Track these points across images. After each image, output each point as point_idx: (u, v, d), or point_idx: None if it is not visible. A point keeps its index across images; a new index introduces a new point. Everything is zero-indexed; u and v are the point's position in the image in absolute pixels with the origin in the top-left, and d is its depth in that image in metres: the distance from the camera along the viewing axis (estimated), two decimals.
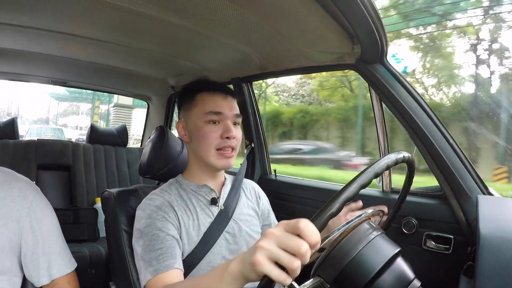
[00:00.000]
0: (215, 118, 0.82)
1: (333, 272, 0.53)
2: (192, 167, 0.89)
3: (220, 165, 0.83)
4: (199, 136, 0.83)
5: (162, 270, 0.70)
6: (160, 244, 0.74)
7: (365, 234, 0.55)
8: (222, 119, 0.83)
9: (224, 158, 0.82)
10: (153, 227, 0.76)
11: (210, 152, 0.82)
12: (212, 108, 0.83)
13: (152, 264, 0.71)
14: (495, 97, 6.77)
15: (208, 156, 0.82)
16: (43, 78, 2.05)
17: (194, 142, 0.85)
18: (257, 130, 1.49)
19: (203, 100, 0.84)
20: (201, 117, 0.83)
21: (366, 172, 0.52)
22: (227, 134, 0.82)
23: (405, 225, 0.96)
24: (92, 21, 1.02)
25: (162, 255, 0.72)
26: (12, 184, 0.73)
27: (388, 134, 1.09)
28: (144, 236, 0.76)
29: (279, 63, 1.18)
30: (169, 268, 0.71)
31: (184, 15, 0.91)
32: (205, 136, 0.82)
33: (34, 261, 0.73)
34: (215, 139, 0.82)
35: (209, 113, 0.82)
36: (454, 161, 0.87)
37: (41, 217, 0.74)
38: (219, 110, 0.83)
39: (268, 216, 0.99)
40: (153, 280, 0.70)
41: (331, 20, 0.76)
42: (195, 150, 0.86)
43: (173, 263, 0.72)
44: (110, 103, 15.11)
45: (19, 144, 1.89)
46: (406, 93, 0.91)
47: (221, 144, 0.82)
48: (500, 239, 0.62)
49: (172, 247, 0.74)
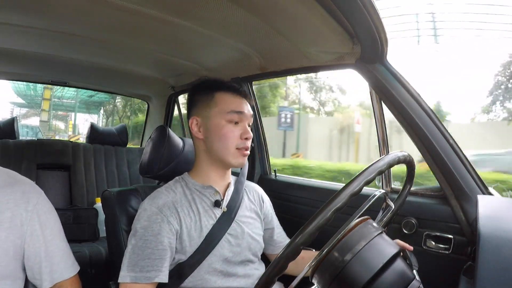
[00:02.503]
0: (236, 118, 0.84)
1: (333, 272, 0.53)
2: (200, 165, 0.88)
3: (237, 163, 0.85)
4: (220, 135, 0.83)
5: (142, 280, 0.73)
6: (150, 253, 0.74)
7: (365, 234, 0.55)
8: (242, 119, 0.85)
9: (241, 156, 0.85)
10: (149, 231, 0.76)
11: (229, 151, 0.83)
12: (234, 108, 0.84)
13: (135, 270, 0.73)
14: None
15: (227, 154, 0.83)
16: (43, 78, 2.05)
17: (211, 140, 0.85)
18: (257, 130, 1.49)
19: (224, 100, 0.85)
20: (222, 116, 0.84)
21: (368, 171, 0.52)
22: (246, 135, 0.84)
23: (405, 225, 0.95)
24: (92, 21, 1.02)
25: (147, 265, 0.73)
26: (15, 187, 0.72)
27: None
28: (138, 237, 0.76)
29: (279, 63, 1.18)
30: (149, 281, 0.73)
31: (184, 15, 0.91)
32: (227, 136, 0.83)
33: (37, 264, 0.72)
34: (236, 139, 0.83)
35: (231, 112, 0.84)
36: (454, 161, 0.87)
37: (44, 220, 0.74)
38: (241, 110, 0.85)
39: (271, 220, 0.99)
40: (129, 285, 0.73)
41: (331, 20, 0.76)
42: (210, 148, 0.85)
43: (155, 276, 0.73)
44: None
45: (19, 144, 1.89)
46: (406, 93, 0.91)
47: (240, 145, 0.84)
48: (500, 239, 0.62)
49: (160, 258, 0.75)
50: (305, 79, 13.25)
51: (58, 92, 15.27)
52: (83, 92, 14.67)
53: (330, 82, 13.58)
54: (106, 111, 18.36)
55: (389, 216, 0.73)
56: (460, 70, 15.58)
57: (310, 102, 14.31)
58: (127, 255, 0.76)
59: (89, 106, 17.99)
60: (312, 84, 13.78)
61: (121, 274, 0.74)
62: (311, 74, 4.11)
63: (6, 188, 0.71)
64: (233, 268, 0.83)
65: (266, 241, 0.97)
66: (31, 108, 18.71)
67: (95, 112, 18.93)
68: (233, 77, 1.42)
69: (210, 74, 1.46)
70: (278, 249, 0.99)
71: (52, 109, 15.57)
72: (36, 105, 16.27)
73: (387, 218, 0.73)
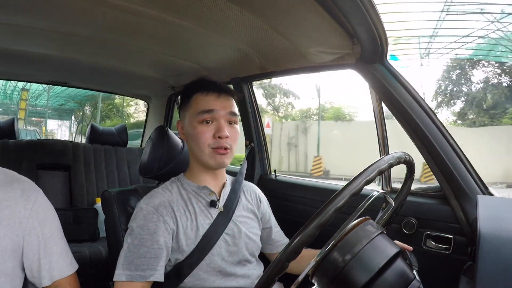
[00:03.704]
0: (207, 117, 0.82)
1: (333, 272, 0.53)
2: (192, 167, 0.89)
3: (214, 164, 0.83)
4: (193, 136, 0.83)
5: (137, 278, 0.73)
6: (145, 251, 0.74)
7: (365, 234, 0.55)
8: (215, 118, 0.82)
9: (218, 155, 0.82)
10: (145, 230, 0.76)
11: (204, 151, 0.82)
12: (204, 107, 0.83)
13: (130, 268, 0.73)
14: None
15: (203, 155, 0.83)
16: (43, 78, 2.05)
17: (190, 142, 0.86)
18: (257, 130, 1.49)
19: (196, 101, 0.85)
20: (194, 117, 0.83)
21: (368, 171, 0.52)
22: (219, 134, 0.81)
23: (405, 225, 0.96)
24: (92, 21, 1.02)
25: (143, 264, 0.74)
26: (14, 185, 0.72)
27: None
28: (134, 235, 0.76)
29: (279, 63, 1.18)
30: (143, 279, 0.73)
31: (184, 15, 0.91)
32: (199, 136, 0.82)
33: (36, 262, 0.72)
34: (208, 139, 0.81)
35: (201, 112, 0.82)
36: (454, 161, 0.87)
37: (43, 218, 0.74)
38: (210, 108, 0.82)
39: (268, 219, 0.99)
40: (125, 283, 0.73)
41: (331, 20, 0.76)
42: (191, 150, 0.87)
43: (150, 275, 0.73)
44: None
45: (19, 144, 1.89)
46: (406, 93, 0.91)
47: (215, 144, 0.81)
48: (500, 239, 0.62)
49: (155, 257, 0.75)
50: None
51: (32, 101, 16.57)
52: (54, 101, 17.10)
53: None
54: (76, 117, 20.35)
55: (389, 216, 0.73)
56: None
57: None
58: (122, 253, 0.76)
59: (61, 113, 19.96)
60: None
61: (116, 273, 0.74)
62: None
63: (5, 187, 0.71)
64: (232, 268, 0.84)
65: (264, 241, 0.97)
66: (7, 115, 19.96)
67: (67, 118, 20.96)
68: (233, 77, 1.42)
69: (210, 74, 1.46)
70: (277, 248, 0.99)
71: (27, 116, 16.57)
72: (12, 112, 17.48)
73: (387, 218, 0.73)
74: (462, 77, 13.51)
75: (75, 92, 14.90)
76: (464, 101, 13.62)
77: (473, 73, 13.41)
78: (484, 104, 12.80)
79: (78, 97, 16.61)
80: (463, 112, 13.62)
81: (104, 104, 17.07)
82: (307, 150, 12.00)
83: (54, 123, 20.94)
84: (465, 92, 13.59)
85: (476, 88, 13.34)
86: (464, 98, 13.59)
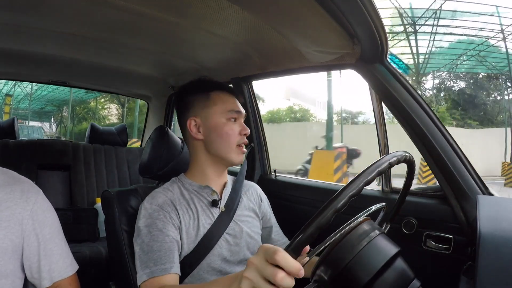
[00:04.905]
0: (235, 116, 0.87)
1: (333, 272, 0.53)
2: (197, 166, 0.88)
3: (238, 160, 0.87)
4: (221, 133, 0.85)
5: (158, 273, 0.71)
6: (159, 246, 0.74)
7: (365, 234, 0.55)
8: (239, 117, 0.88)
9: (241, 153, 0.88)
10: (154, 227, 0.76)
11: (231, 148, 0.85)
12: (233, 107, 0.87)
13: (149, 265, 0.72)
14: None
15: (229, 152, 0.85)
16: (43, 78, 2.05)
17: (212, 139, 0.85)
18: (257, 130, 1.49)
19: (222, 99, 0.87)
20: (223, 115, 0.86)
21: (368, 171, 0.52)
22: (244, 132, 0.87)
23: (405, 225, 0.95)
24: (92, 21, 1.02)
25: (160, 258, 0.73)
26: (14, 186, 0.72)
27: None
28: (143, 235, 0.76)
29: (279, 63, 1.18)
30: (166, 272, 0.72)
31: (184, 14, 0.91)
32: (229, 133, 0.85)
33: (36, 263, 0.72)
34: (237, 136, 0.86)
35: (231, 111, 0.86)
36: (454, 161, 0.87)
37: (43, 219, 0.74)
38: (238, 109, 0.88)
39: (269, 219, 0.99)
40: (148, 282, 0.71)
41: (331, 20, 0.76)
42: (211, 147, 0.86)
43: (170, 267, 0.73)
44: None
45: (19, 144, 1.89)
46: (406, 93, 0.91)
47: (240, 141, 0.87)
48: (500, 239, 0.62)
49: (170, 250, 0.75)
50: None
51: (15, 105, 18.25)
52: (35, 105, 19.26)
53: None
54: (56, 119, 22.58)
55: (389, 215, 0.73)
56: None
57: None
58: (137, 256, 0.75)
59: (41, 116, 22.12)
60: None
61: (137, 276, 0.74)
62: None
63: (5, 187, 0.71)
64: (232, 267, 0.84)
65: (264, 240, 0.97)
66: None
67: (47, 120, 23.14)
68: (233, 77, 1.42)
69: (210, 74, 1.46)
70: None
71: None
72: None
73: (387, 218, 0.73)
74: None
75: (53, 97, 16.65)
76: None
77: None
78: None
79: (56, 101, 18.78)
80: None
81: (80, 108, 18.93)
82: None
83: (35, 125, 22.46)
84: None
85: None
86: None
